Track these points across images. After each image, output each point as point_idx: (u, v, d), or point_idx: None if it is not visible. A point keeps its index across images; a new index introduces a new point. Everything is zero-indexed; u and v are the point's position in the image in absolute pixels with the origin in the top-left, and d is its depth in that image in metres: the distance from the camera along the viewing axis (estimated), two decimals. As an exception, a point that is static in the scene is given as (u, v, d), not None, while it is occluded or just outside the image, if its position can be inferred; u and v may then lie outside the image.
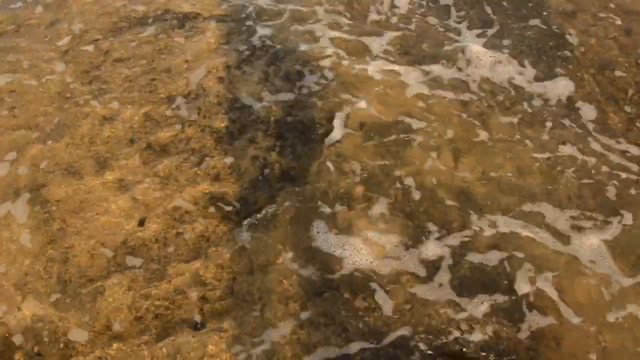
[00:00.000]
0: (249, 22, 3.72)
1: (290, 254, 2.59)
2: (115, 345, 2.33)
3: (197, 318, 2.39)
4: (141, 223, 2.72)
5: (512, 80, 3.42)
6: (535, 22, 3.82)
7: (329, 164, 2.93)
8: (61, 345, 2.33)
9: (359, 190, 2.84)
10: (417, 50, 3.57)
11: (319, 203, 2.78)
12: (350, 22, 3.74)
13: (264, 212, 2.74)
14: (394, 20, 3.80)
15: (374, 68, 3.42)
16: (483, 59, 3.52)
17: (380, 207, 2.78)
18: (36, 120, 3.16)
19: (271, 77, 3.34)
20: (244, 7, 3.84)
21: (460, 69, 3.46)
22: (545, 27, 3.79)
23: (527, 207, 2.80)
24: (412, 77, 3.38)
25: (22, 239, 2.66)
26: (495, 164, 2.96)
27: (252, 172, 2.89)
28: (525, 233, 2.69)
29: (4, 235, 2.67)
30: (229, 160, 2.93)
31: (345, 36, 3.63)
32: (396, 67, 3.43)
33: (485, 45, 3.63)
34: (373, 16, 3.83)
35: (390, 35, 3.66)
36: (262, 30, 3.66)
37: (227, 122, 3.10)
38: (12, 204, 2.80)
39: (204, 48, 3.53)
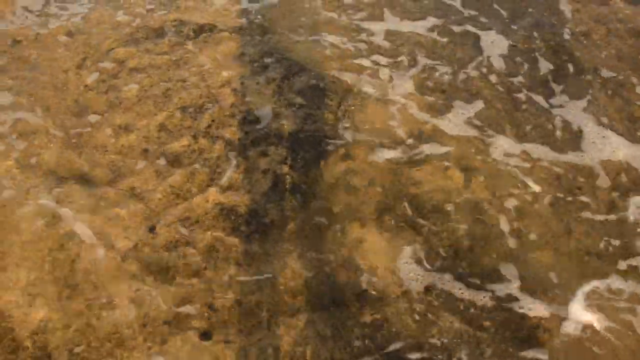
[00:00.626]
0: (265, 35, 3.79)
1: (298, 267, 2.62)
2: (120, 353, 2.36)
3: (204, 328, 2.42)
4: (151, 231, 2.77)
5: (528, 97, 3.46)
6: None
7: (340, 179, 2.97)
8: (67, 351, 2.36)
9: (369, 205, 2.87)
10: (433, 76, 3.62)
11: (329, 217, 2.81)
12: (367, 39, 3.80)
13: (274, 225, 2.78)
14: (411, 42, 3.85)
15: (388, 86, 3.46)
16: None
17: (390, 223, 2.81)
18: (52, 127, 3.23)
19: (285, 91, 3.39)
20: (260, 21, 3.92)
21: (473, 93, 3.50)
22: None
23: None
24: (426, 98, 3.42)
25: (32, 243, 2.71)
26: (505, 185, 2.99)
27: (263, 185, 2.93)
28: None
29: (14, 238, 2.72)
30: (240, 172, 2.98)
31: (363, 54, 3.68)
32: (410, 86, 3.47)
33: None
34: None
35: (405, 58, 3.71)
36: (277, 44, 3.72)
37: (240, 134, 3.15)
38: (23, 207, 2.85)
39: (219, 60, 3.60)
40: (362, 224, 2.80)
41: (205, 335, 2.41)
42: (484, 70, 3.62)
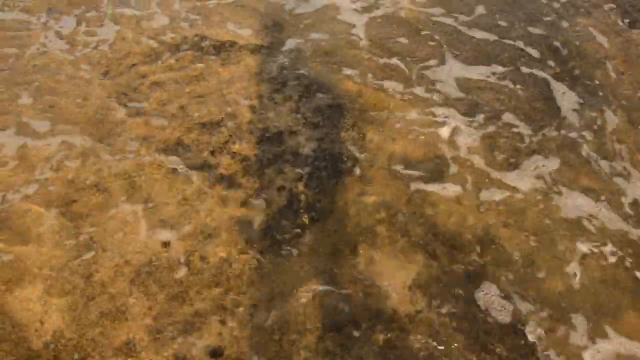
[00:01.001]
0: (284, 54, 3.85)
1: (311, 285, 2.63)
2: (132, 365, 2.39)
3: (216, 344, 2.44)
4: (166, 244, 2.80)
5: (542, 126, 3.47)
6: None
7: (355, 198, 2.99)
8: (79, 360, 2.39)
9: (383, 226, 2.89)
10: (448, 95, 3.65)
11: (343, 236, 2.84)
12: (385, 62, 3.84)
13: (287, 241, 2.80)
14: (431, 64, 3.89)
15: (406, 107, 3.49)
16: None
17: (403, 244, 2.82)
18: (72, 138, 3.29)
19: (302, 109, 3.44)
20: (279, 39, 3.99)
21: (489, 115, 3.52)
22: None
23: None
24: (444, 119, 3.45)
25: (48, 252, 2.75)
26: (517, 210, 2.99)
27: (278, 202, 2.96)
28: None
29: (32, 248, 2.76)
30: (256, 188, 3.02)
31: (380, 75, 3.73)
32: (430, 109, 3.50)
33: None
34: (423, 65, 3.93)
35: (421, 80, 3.75)
36: (296, 62, 3.78)
37: (257, 150, 3.20)
38: (41, 217, 2.91)
39: (239, 76, 3.66)
40: (375, 245, 2.82)
41: (216, 352, 2.43)
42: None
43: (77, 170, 3.12)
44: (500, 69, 3.83)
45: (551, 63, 3.91)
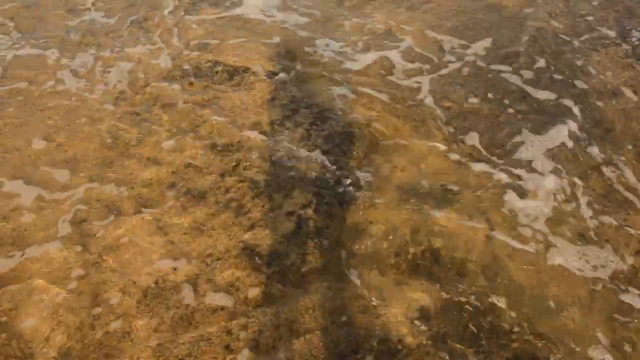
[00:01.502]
0: (297, 81, 3.93)
1: (317, 313, 2.65)
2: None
3: (220, 367, 2.45)
4: (174, 266, 2.83)
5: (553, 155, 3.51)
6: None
7: (363, 226, 3.02)
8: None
9: (389, 252, 2.91)
10: (462, 126, 3.70)
11: (350, 264, 2.86)
12: (396, 93, 3.91)
13: (294, 267, 2.82)
14: (439, 91, 3.96)
15: (413, 136, 3.54)
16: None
17: (409, 271, 2.84)
18: (84, 157, 3.36)
19: (313, 136, 3.49)
20: (292, 66, 4.07)
21: (498, 147, 3.57)
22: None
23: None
24: (451, 149, 3.49)
25: (57, 270, 2.79)
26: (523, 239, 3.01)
27: (287, 227, 2.99)
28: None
29: (42, 267, 2.80)
30: (265, 213, 3.05)
31: (391, 105, 3.79)
32: (437, 136, 3.55)
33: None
34: (424, 90, 3.99)
35: (437, 109, 3.81)
36: (308, 90, 3.85)
37: (267, 175, 3.24)
38: (52, 235, 2.95)
39: (251, 101, 3.73)
40: (382, 272, 2.83)
41: (220, 375, 2.43)
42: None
43: (86, 190, 3.17)
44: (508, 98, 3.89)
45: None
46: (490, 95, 3.94)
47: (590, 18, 4.77)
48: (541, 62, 4.24)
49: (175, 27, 4.52)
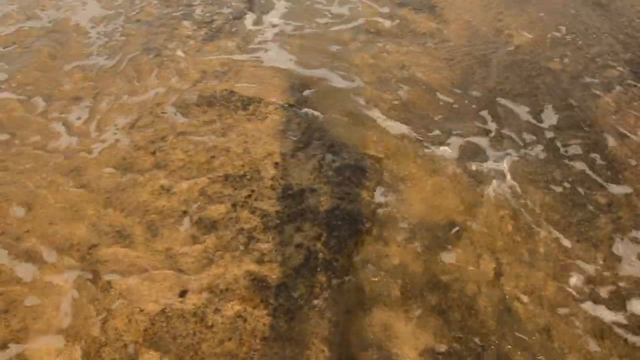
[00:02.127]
0: (309, 112, 4.00)
1: (323, 347, 2.65)
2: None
3: (224, 400, 2.46)
4: (182, 294, 2.86)
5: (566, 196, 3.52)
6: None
7: (372, 261, 3.04)
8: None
9: (398, 289, 2.92)
10: (475, 159, 3.73)
11: (358, 298, 2.87)
12: (407, 124, 3.96)
13: (302, 300, 2.84)
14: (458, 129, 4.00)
15: (426, 171, 3.58)
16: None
17: (418, 309, 2.84)
18: (98, 182, 3.43)
19: (324, 168, 3.55)
20: (306, 97, 4.15)
21: (510, 186, 3.59)
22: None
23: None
24: (463, 179, 3.52)
25: (66, 294, 2.83)
26: (539, 282, 3.01)
27: (296, 259, 3.02)
28: None
29: (52, 290, 2.84)
30: (274, 244, 3.09)
31: (403, 139, 3.84)
32: (450, 175, 3.59)
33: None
34: (436, 119, 4.05)
35: (445, 143, 3.85)
36: (320, 121, 3.92)
37: (278, 207, 3.29)
38: (63, 259, 3.00)
39: (264, 132, 3.80)
40: (390, 308, 2.84)
41: (225, 407, 2.44)
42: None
43: (97, 216, 3.24)
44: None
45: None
46: (504, 130, 3.99)
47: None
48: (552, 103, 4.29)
49: (192, 56, 4.63)
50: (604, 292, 3.00)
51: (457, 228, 3.25)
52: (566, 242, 3.21)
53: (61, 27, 5.05)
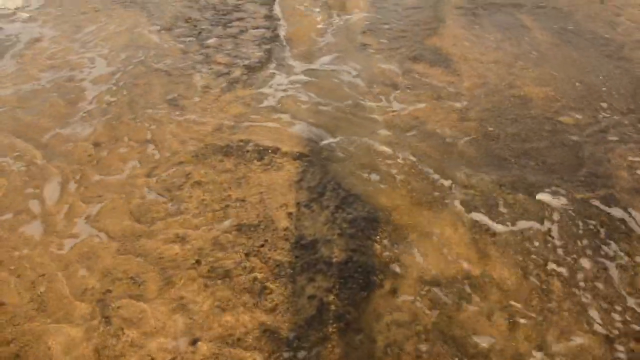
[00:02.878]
0: (325, 164, 4.10)
1: (335, 402, 2.65)
2: None
3: None
4: (193, 343, 2.89)
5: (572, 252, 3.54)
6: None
7: (384, 313, 3.06)
8: None
9: (410, 343, 2.92)
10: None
11: (370, 350, 2.88)
12: (420, 176, 4.04)
13: (314, 352, 2.86)
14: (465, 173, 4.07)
15: (439, 224, 3.63)
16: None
17: (431, 366, 2.84)
18: (114, 229, 3.51)
19: (338, 220, 3.61)
20: (321, 148, 4.26)
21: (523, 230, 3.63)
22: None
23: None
24: (474, 232, 3.56)
25: (77, 339, 2.87)
26: (554, 336, 3.00)
27: (308, 311, 3.05)
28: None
29: (63, 337, 2.89)
30: (287, 295, 3.13)
31: (417, 192, 3.91)
32: (463, 228, 3.63)
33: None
34: (445, 178, 4.13)
35: (457, 197, 3.92)
36: (335, 173, 4.01)
37: (291, 257, 3.34)
38: (75, 304, 3.05)
39: (279, 182, 3.90)
40: (402, 364, 2.85)
41: None
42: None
43: (113, 261, 3.31)
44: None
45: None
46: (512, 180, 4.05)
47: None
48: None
49: (208, 105, 4.80)
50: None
51: (469, 282, 3.27)
52: None
53: (65, 82, 5.26)
